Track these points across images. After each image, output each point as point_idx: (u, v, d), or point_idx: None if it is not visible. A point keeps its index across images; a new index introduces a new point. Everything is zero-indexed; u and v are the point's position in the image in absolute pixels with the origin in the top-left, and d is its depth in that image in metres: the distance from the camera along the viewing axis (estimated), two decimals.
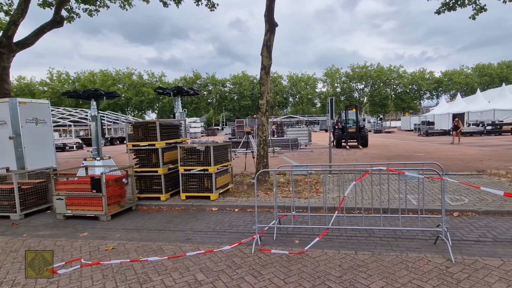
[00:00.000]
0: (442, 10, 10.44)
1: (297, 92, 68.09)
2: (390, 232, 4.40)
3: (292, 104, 72.94)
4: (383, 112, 74.42)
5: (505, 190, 6.46)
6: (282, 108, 71.52)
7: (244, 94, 65.81)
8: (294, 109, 71.60)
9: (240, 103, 66.56)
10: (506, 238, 4.11)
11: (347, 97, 67.69)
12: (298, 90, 67.90)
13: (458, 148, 16.30)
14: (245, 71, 68.89)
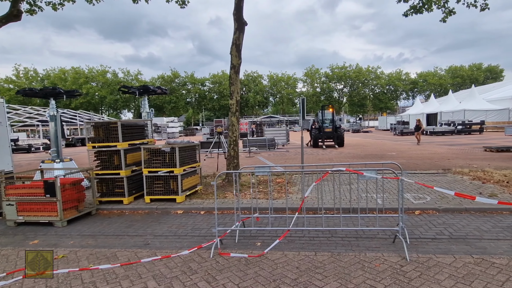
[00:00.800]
0: (410, 13, 10.75)
1: (277, 91, 68.55)
2: (352, 232, 4.45)
3: (272, 104, 73.32)
4: (362, 112, 76.44)
5: (466, 187, 6.75)
6: (262, 107, 71.72)
7: (224, 94, 65.38)
8: (275, 109, 72.02)
9: (220, 102, 66.11)
10: (461, 235, 4.26)
11: (327, 97, 68.94)
12: (279, 90, 68.36)
13: (429, 147, 16.94)
14: (225, 70, 68.45)
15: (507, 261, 3.42)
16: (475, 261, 3.44)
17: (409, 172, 8.77)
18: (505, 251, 3.72)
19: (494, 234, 4.27)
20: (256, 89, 67.04)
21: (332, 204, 5.68)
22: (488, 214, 5.14)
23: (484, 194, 6.09)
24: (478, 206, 5.26)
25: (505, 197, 5.89)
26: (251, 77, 68.68)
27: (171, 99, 63.72)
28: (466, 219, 4.94)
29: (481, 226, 4.57)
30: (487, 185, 6.86)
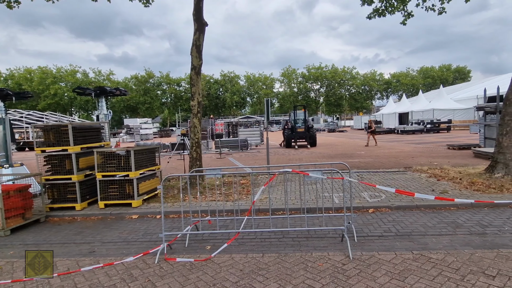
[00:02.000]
0: (373, 15, 11.13)
1: (254, 92, 68.71)
2: (304, 232, 4.51)
3: (250, 104, 73.44)
4: (339, 112, 78.23)
5: (421, 185, 7.04)
6: (240, 108, 71.62)
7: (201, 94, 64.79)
8: (253, 109, 72.15)
9: None
10: (406, 232, 4.43)
11: (304, 97, 69.91)
12: (256, 90, 68.54)
13: (398, 146, 17.58)
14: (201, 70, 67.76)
15: (443, 256, 3.59)
16: (414, 257, 3.58)
17: (371, 171, 9.06)
18: (444, 246, 3.90)
19: (438, 229, 4.48)
20: (233, 89, 66.83)
21: (291, 204, 5.75)
22: (437, 210, 5.38)
23: (436, 191, 6.38)
24: (428, 203, 5.50)
25: (455, 193, 6.20)
26: (228, 77, 68.41)
27: (145, 99, 62.20)
28: (415, 216, 5.14)
29: (427, 223, 4.78)
30: (442, 182, 7.20)
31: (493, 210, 5.27)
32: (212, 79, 68.56)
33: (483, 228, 4.47)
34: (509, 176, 7.15)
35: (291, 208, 5.58)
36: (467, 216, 5.01)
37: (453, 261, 3.44)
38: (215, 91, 67.64)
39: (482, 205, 5.45)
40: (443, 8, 10.49)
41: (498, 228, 4.45)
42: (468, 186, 6.67)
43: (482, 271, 3.21)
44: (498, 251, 3.65)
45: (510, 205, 5.45)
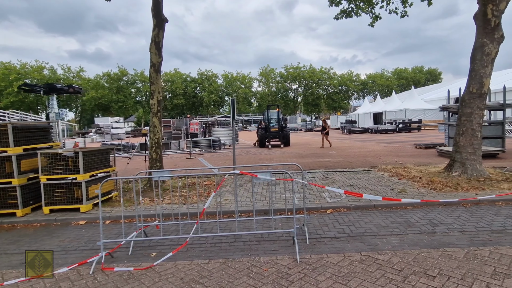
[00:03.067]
0: (340, 16, 11.28)
1: (232, 91, 68.31)
2: (257, 235, 4.40)
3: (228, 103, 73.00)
4: (317, 111, 79.43)
5: (382, 184, 7.15)
6: (218, 107, 71.00)
7: (177, 93, 63.43)
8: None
9: (173, 101, 64.02)
10: (359, 233, 4.43)
11: (282, 96, 70.42)
12: (234, 89, 68.18)
13: (369, 145, 17.99)
14: (177, 69, 66.59)
15: (390, 256, 3.58)
16: (361, 259, 3.55)
17: (338, 171, 9.13)
18: (393, 246, 3.91)
19: (390, 229, 4.51)
20: (210, 88, 66.11)
21: (250, 206, 5.63)
22: (393, 210, 5.45)
23: (395, 190, 6.49)
24: (385, 203, 5.56)
25: (413, 192, 6.33)
26: (205, 76, 67.58)
27: (118, 98, 60.14)
28: (371, 215, 5.17)
29: (381, 222, 4.81)
30: (402, 181, 7.36)
31: (446, 209, 5.40)
32: (189, 78, 67.48)
33: (433, 227, 4.55)
34: (465, 174, 7.42)
35: (248, 210, 5.46)
36: (420, 215, 5.10)
37: (398, 261, 3.45)
38: (192, 89, 66.59)
39: (436, 203, 5.58)
40: (405, 11, 10.79)
41: (448, 226, 4.55)
42: (426, 185, 6.84)
43: (424, 271, 3.22)
44: (443, 250, 3.70)
45: (462, 203, 5.62)
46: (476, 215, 5.01)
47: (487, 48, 7.42)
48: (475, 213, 5.09)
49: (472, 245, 3.85)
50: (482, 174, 7.38)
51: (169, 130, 27.70)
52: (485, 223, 4.64)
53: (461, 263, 3.36)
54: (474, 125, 7.57)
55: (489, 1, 7.28)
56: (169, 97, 64.72)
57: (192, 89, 66.20)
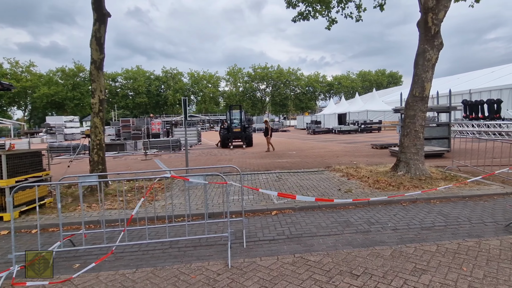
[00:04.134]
0: (298, 19, 11.51)
1: (199, 90, 67.34)
2: (195, 240, 4.30)
3: (194, 102, 71.84)
4: (285, 112, 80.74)
5: (331, 184, 7.36)
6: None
7: (139, 91, 61.15)
8: (198, 108, 70.70)
9: (135, 100, 61.66)
10: (298, 234, 4.50)
11: (250, 96, 70.69)
12: (200, 88, 67.23)
13: (329, 146, 18.55)
14: (140, 66, 64.20)
15: (321, 257, 3.66)
16: (293, 261, 3.59)
17: (292, 171, 9.27)
18: (327, 247, 4.02)
19: (329, 230, 4.63)
20: (175, 87, 64.60)
21: (194, 210, 5.51)
22: (336, 210, 5.62)
23: (341, 190, 6.71)
24: (330, 203, 5.71)
25: (358, 192, 6.58)
26: (170, 74, 65.90)
27: (74, 95, 56.69)
28: (314, 216, 5.29)
29: (322, 223, 4.93)
30: (351, 181, 7.63)
31: (385, 207, 5.67)
32: (152, 75, 65.41)
33: (369, 225, 4.74)
34: (409, 174, 7.86)
35: (192, 214, 5.34)
36: (361, 214, 5.30)
37: (328, 262, 3.53)
38: (156, 88, 64.61)
39: (377, 202, 5.85)
40: (360, 16, 11.26)
41: (382, 225, 4.76)
42: (372, 184, 7.15)
43: (350, 271, 3.32)
44: (372, 249, 3.85)
45: (401, 202, 5.93)
46: (411, 213, 5.31)
47: (428, 54, 7.93)
48: (411, 211, 5.40)
49: (400, 243, 4.06)
50: (424, 173, 7.87)
51: (128, 130, 26.63)
52: (417, 220, 4.93)
53: (386, 261, 3.52)
54: (417, 127, 8.06)
55: (430, 10, 7.78)
56: (131, 95, 62.26)
57: (156, 87, 64.23)
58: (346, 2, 11.07)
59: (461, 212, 5.29)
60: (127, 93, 61.67)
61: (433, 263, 3.45)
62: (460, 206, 5.61)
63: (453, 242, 4.01)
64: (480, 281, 3.06)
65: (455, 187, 6.72)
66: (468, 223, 4.75)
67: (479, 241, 4.03)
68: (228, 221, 3.82)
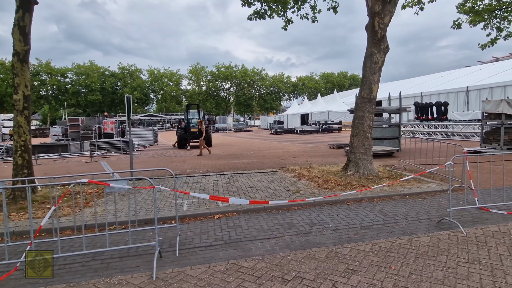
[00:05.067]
0: (253, 17, 11.47)
1: (159, 88, 65.17)
2: (122, 251, 4.00)
3: (154, 101, 69.49)
4: (249, 111, 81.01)
5: (282, 185, 7.36)
6: (142, 105, 66.89)
7: (92, 88, 57.63)
8: (158, 107, 68.41)
9: (88, 97, 58.02)
10: (237, 238, 4.37)
11: (214, 95, 69.92)
12: (161, 86, 65.11)
13: (289, 146, 18.80)
14: (93, 61, 60.53)
15: (255, 262, 3.56)
16: (225, 268, 3.45)
17: (245, 172, 9.18)
18: (265, 251, 3.93)
19: (270, 232, 4.56)
20: (133, 84, 61.91)
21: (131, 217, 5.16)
22: (282, 211, 5.59)
23: (290, 191, 6.73)
24: (275, 205, 5.67)
25: (306, 192, 6.63)
26: (127, 71, 63.00)
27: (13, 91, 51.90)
28: (258, 219, 5.20)
29: (265, 226, 4.85)
30: (302, 181, 7.70)
31: (331, 207, 5.76)
32: (107, 72, 62.08)
33: (311, 227, 4.75)
34: (358, 173, 8.12)
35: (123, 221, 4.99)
36: (305, 215, 5.31)
37: (261, 267, 3.44)
38: (111, 85, 61.35)
39: (322, 202, 5.92)
40: (315, 17, 11.49)
41: (324, 225, 4.80)
42: (321, 184, 7.26)
43: (282, 275, 3.25)
44: (309, 251, 3.83)
45: (346, 201, 6.06)
46: (354, 212, 5.43)
47: (375, 57, 8.25)
48: (354, 211, 5.52)
49: (337, 243, 4.09)
50: (372, 172, 8.17)
51: (76, 130, 24.94)
52: (358, 219, 5.04)
53: (320, 263, 3.51)
54: (365, 127, 8.34)
55: (376, 15, 8.10)
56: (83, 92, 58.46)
57: (111, 84, 60.97)
58: (302, 3, 11.23)
59: (400, 210, 5.52)
60: (78, 90, 57.74)
61: (365, 263, 3.50)
62: (400, 204, 5.86)
63: (387, 240, 4.13)
64: (405, 279, 3.14)
65: (398, 185, 7.05)
66: (404, 221, 4.94)
67: (411, 238, 4.19)
68: (156, 228, 3.58)
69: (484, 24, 14.33)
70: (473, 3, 13.88)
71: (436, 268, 3.35)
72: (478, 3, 13.82)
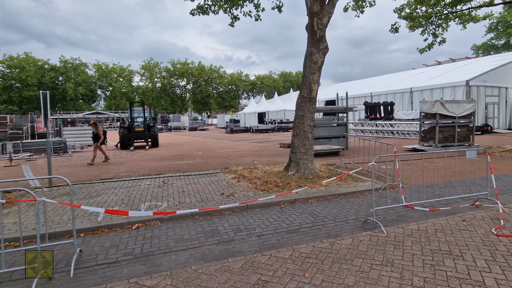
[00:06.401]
0: (196, 12, 11.05)
1: (108, 84, 61.38)
2: (3, 274, 3.43)
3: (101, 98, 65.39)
4: (207, 110, 79.71)
5: (218, 187, 7.07)
6: (89, 102, 62.52)
7: (28, 82, 52.45)
8: (107, 104, 64.48)
9: (22, 93, 52.68)
10: (150, 252, 4.00)
11: (169, 93, 67.65)
12: (109, 82, 61.36)
13: (240, 145, 18.61)
14: (30, 53, 55.05)
15: (160, 279, 3.24)
16: None
17: (184, 174, 8.76)
18: (176, 265, 3.61)
19: (189, 242, 4.26)
20: (77, 79, 57.56)
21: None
22: (211, 216, 5.31)
23: (224, 194, 6.48)
24: (201, 210, 5.37)
25: (240, 195, 6.40)
26: (70, 65, 58.39)
27: None
28: (182, 227, 4.86)
29: (186, 234, 4.53)
30: (240, 183, 7.49)
31: (263, 210, 5.60)
32: (47, 65, 57.01)
33: (236, 233, 4.53)
34: (298, 173, 8.12)
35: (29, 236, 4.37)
36: (234, 220, 5.08)
37: (166, 285, 3.12)
38: (52, 80, 56.34)
39: (256, 205, 5.74)
40: (259, 15, 11.38)
41: (250, 231, 4.60)
42: (259, 186, 7.11)
43: None
44: (224, 262, 3.59)
45: (280, 203, 5.96)
46: (285, 215, 5.32)
47: (314, 57, 8.30)
48: (285, 213, 5.41)
49: (258, 251, 3.90)
50: (312, 172, 8.22)
51: (3, 129, 22.38)
52: (287, 223, 4.92)
53: (232, 275, 3.28)
54: (306, 127, 8.37)
55: (315, 15, 8.15)
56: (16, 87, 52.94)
57: (51, 79, 55.97)
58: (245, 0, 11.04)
59: (331, 210, 5.52)
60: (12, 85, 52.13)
61: (279, 272, 3.34)
62: (333, 205, 5.88)
63: (310, 244, 4.04)
64: (317, 287, 3.03)
65: (335, 184, 7.14)
66: (332, 222, 4.92)
67: (334, 241, 4.15)
68: (39, 247, 3.09)
69: (422, 30, 15.35)
70: (412, 9, 14.80)
71: (349, 273, 3.30)
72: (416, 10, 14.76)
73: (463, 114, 13.43)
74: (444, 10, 14.42)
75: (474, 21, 14.68)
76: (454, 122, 13.34)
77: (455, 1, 13.72)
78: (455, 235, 4.25)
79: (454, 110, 13.27)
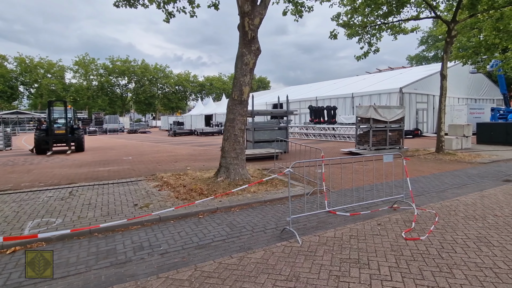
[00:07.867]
0: (122, 4, 10.24)
1: (32, 80, 55.41)
2: None
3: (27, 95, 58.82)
4: (151, 111, 76.32)
5: (133, 197, 6.46)
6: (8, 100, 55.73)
7: None
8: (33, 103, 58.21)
9: None
10: (15, 283, 3.34)
11: (108, 92, 63.39)
12: (35, 78, 55.43)
13: (179, 149, 17.85)
14: None
15: None
16: None
17: (100, 184, 7.93)
18: None
19: (73, 267, 3.65)
20: None
21: None
22: (114, 233, 4.72)
23: (139, 205, 5.93)
24: (106, 226, 4.76)
25: (156, 206, 5.88)
26: None
27: None
28: (73, 247, 4.21)
29: (73, 257, 3.90)
30: (161, 192, 6.95)
31: (179, 222, 5.17)
32: None
33: (135, 252, 4.03)
34: (228, 179, 7.81)
35: None
36: (138, 237, 4.55)
37: None
38: None
39: (170, 217, 5.28)
40: (194, 12, 10.93)
41: (153, 248, 4.14)
42: (181, 195, 6.63)
43: None
44: None
45: (199, 214, 5.57)
46: (201, 226, 4.94)
47: (245, 58, 8.10)
48: (202, 225, 5.03)
49: (154, 273, 3.47)
50: (243, 177, 7.98)
51: None
52: (200, 236, 4.55)
53: None
54: (236, 131, 8.12)
55: (246, 15, 7.95)
56: None
57: None
58: None
59: (252, 219, 5.27)
60: None
61: None
62: (256, 212, 5.66)
63: (216, 261, 3.72)
64: None
65: (264, 190, 6.97)
66: (249, 233, 4.67)
67: (244, 255, 3.88)
68: None
69: (359, 39, 16.19)
70: (348, 18, 15.52)
71: None
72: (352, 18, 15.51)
73: (394, 119, 14.40)
74: (377, 21, 15.36)
75: (403, 33, 15.86)
76: (386, 127, 14.22)
77: (386, 13, 14.68)
78: (367, 241, 4.26)
79: (386, 115, 14.15)
